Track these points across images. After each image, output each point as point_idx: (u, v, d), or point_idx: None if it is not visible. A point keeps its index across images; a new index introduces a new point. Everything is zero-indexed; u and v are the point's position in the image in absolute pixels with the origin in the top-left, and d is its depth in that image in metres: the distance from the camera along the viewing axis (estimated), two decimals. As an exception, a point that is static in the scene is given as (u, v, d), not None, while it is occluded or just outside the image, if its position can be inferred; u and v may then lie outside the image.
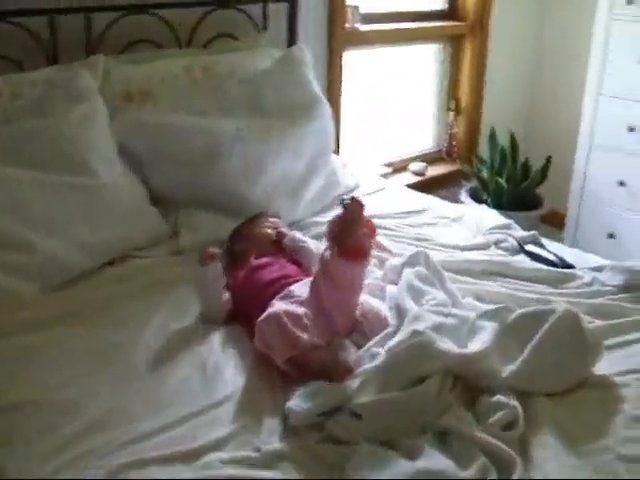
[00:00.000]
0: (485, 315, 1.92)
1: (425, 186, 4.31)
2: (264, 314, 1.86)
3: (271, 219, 2.47)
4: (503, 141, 4.41)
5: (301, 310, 1.88)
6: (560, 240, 4.30)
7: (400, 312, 1.93)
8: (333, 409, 1.68)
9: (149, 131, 2.55)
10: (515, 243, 2.65)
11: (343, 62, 3.72)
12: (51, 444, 1.58)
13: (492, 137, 4.43)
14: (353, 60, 3.91)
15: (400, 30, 4.12)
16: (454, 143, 4.66)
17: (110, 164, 2.43)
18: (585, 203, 4.33)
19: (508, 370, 1.77)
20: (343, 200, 1.90)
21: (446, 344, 1.73)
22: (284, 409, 1.71)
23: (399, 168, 4.38)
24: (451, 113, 4.61)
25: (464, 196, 4.44)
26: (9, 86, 2.46)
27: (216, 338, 2.03)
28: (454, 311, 1.91)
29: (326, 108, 2.93)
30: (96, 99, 2.50)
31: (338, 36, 3.61)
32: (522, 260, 2.51)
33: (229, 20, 3.17)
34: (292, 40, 3.35)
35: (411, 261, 2.17)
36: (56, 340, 1.94)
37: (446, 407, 1.66)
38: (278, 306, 1.90)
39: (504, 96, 4.80)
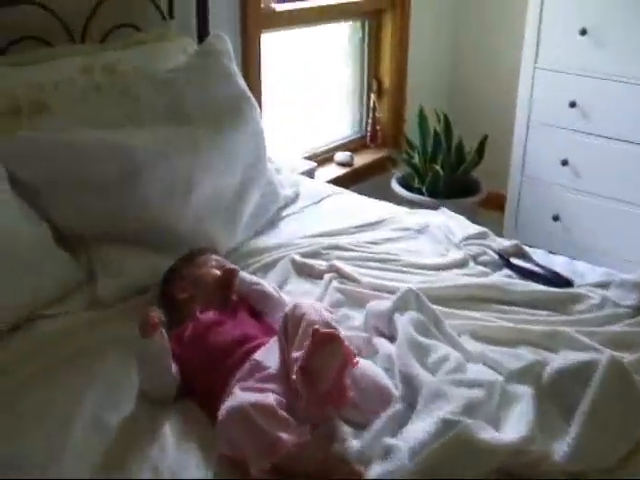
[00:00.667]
0: (514, 377, 1.51)
1: (352, 177, 3.92)
2: (224, 409, 1.42)
3: (214, 256, 1.99)
4: (432, 123, 4.03)
5: (272, 397, 1.43)
6: (501, 224, 4.02)
7: (407, 380, 1.50)
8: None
9: (46, 153, 2.02)
10: (496, 256, 2.26)
11: (261, 47, 3.22)
12: None
13: (421, 119, 4.04)
14: (266, 45, 3.41)
15: (320, 7, 3.64)
16: (378, 127, 4.24)
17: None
18: (526, 184, 3.99)
19: (561, 452, 1.37)
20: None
21: (487, 432, 1.31)
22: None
23: (323, 160, 3.93)
24: (373, 95, 4.18)
25: (394, 184, 4.05)
26: None
27: (167, 428, 1.56)
28: (479, 377, 1.49)
29: (256, 107, 2.45)
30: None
31: (254, 17, 3.12)
32: (512, 280, 2.11)
33: (129, 8, 2.64)
34: (203, 27, 2.85)
35: (400, 304, 1.74)
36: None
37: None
38: (242, 396, 1.44)
39: (429, 74, 4.41)
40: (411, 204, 3.91)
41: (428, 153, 3.98)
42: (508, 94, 4.05)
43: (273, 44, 3.52)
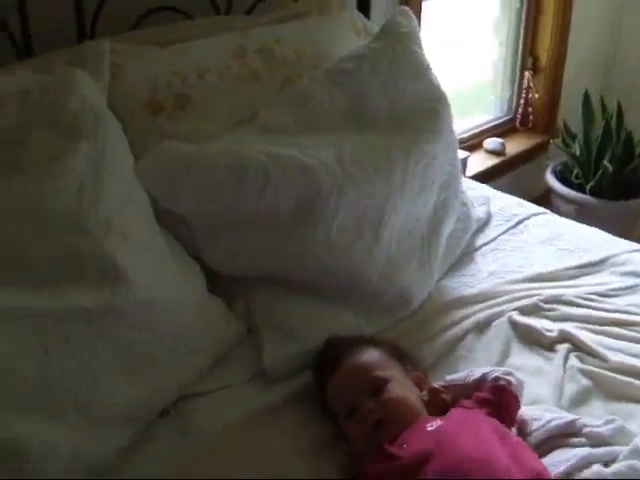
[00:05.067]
0: None
1: (503, 167, 3.36)
2: None
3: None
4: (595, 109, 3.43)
5: None
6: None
7: None
8: None
9: (198, 174, 1.50)
10: None
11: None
12: None
13: (586, 104, 3.43)
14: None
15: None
16: (530, 110, 3.63)
17: (146, 249, 1.39)
18: None
19: None
20: None
21: None
22: None
23: (471, 146, 3.37)
24: (528, 73, 3.57)
25: (549, 177, 3.47)
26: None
27: None
28: None
29: (450, 108, 1.90)
30: (108, 125, 1.44)
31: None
32: None
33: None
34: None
35: None
36: None
37: None
38: None
39: (590, 53, 3.76)
40: (569, 202, 3.36)
41: (592, 144, 3.38)
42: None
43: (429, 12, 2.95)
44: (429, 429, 1.26)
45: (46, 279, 1.22)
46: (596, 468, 1.24)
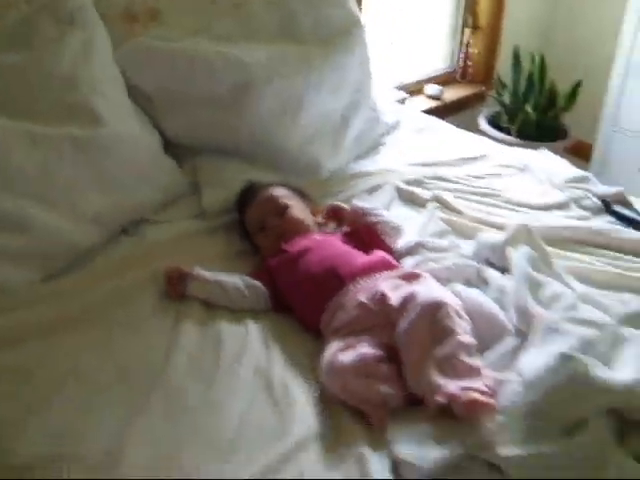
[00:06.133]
0: (625, 321, 1.50)
1: (441, 111, 3.85)
2: (324, 365, 1.41)
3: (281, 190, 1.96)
4: (526, 63, 3.93)
5: (367, 350, 1.40)
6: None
7: (522, 314, 1.50)
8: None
9: (162, 61, 2.04)
10: (597, 201, 2.22)
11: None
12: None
13: (516, 58, 3.94)
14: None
15: None
16: (470, 63, 4.16)
17: (119, 108, 1.92)
18: (617, 135, 3.87)
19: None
20: None
21: (602, 371, 1.31)
22: (392, 455, 1.27)
23: (412, 91, 3.88)
24: (467, 30, 4.09)
25: (482, 122, 3.99)
26: (-20, 8, 1.92)
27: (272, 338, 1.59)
28: (588, 315, 1.48)
29: (365, 32, 2.43)
30: (94, 22, 1.97)
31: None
32: (619, 227, 2.06)
33: None
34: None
35: (513, 238, 1.73)
36: (61, 356, 1.49)
37: (609, 457, 1.25)
38: (341, 357, 1.40)
39: (525, 13, 4.28)
40: (499, 143, 3.87)
41: (520, 94, 3.91)
42: (609, 39, 3.90)
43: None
44: (315, 237, 1.80)
45: (50, 118, 1.76)
46: (431, 264, 1.74)
